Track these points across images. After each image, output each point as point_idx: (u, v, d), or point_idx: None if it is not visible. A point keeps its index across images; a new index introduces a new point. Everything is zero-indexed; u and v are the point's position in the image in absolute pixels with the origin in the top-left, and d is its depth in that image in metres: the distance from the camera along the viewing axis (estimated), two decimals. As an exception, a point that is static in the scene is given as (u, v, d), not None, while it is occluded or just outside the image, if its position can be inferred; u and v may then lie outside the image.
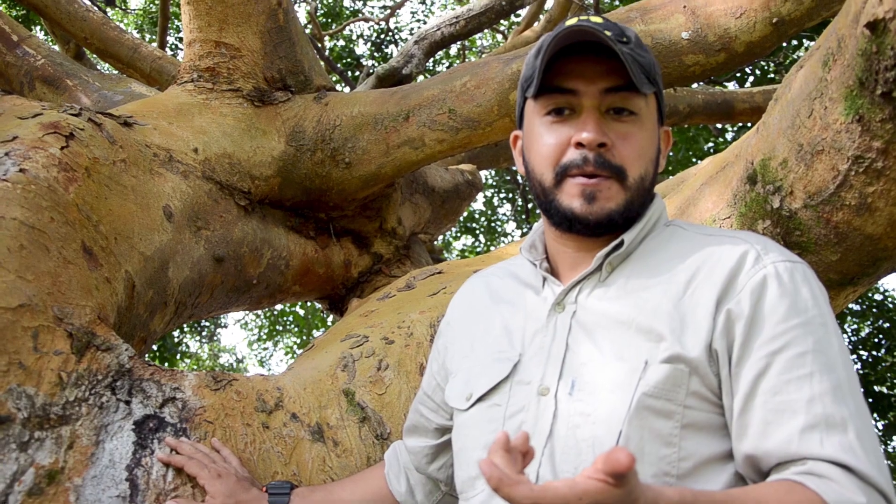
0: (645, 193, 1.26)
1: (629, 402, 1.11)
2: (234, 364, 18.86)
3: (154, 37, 10.56)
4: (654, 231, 1.30)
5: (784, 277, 1.13)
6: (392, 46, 11.89)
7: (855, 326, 9.39)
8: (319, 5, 11.95)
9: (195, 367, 16.36)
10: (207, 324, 13.84)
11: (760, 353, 1.09)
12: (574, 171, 1.22)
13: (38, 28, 9.88)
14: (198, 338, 15.06)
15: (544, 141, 1.26)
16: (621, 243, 1.25)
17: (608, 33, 1.20)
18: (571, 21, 1.25)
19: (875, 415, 8.56)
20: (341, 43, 11.79)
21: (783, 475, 1.04)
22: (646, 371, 1.12)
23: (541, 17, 8.10)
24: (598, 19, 1.25)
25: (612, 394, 1.13)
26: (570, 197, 1.23)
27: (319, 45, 9.15)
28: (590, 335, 1.21)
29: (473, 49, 11.62)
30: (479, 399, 1.28)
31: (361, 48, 12.35)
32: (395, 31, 12.35)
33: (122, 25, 10.49)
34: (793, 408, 1.05)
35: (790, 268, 1.15)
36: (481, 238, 13.24)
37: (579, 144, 1.22)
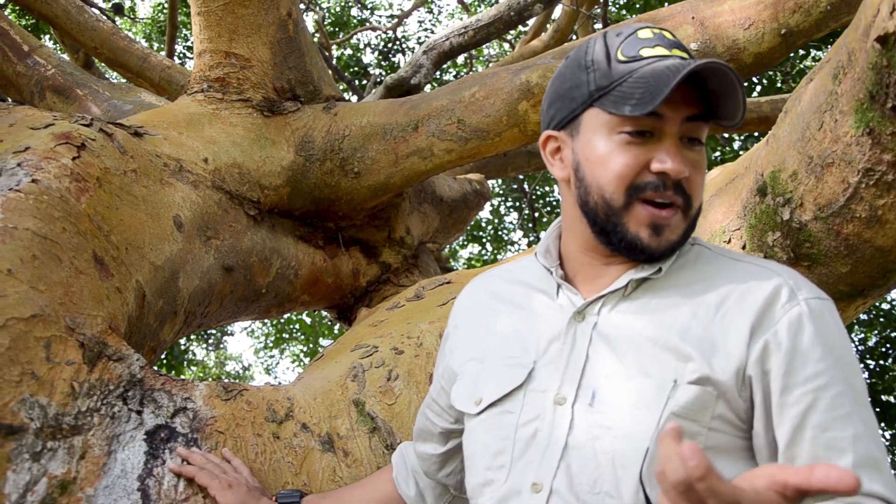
0: (696, 222, 1.26)
1: (657, 419, 1.11)
2: (241, 372, 18.87)
3: (162, 45, 10.61)
4: (681, 250, 1.29)
5: (817, 316, 1.15)
6: (399, 55, 11.92)
7: (862, 335, 9.36)
8: (327, 14, 12.00)
9: (202, 374, 16.38)
10: (214, 332, 13.86)
11: (808, 388, 1.11)
12: (649, 193, 1.19)
13: (48, 38, 9.94)
14: (204, 345, 15.07)
15: (619, 160, 1.21)
16: (659, 270, 1.24)
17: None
18: (645, 34, 1.23)
19: (882, 424, 8.52)
20: (349, 52, 11.83)
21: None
22: (675, 390, 1.12)
23: (548, 26, 8.12)
24: (671, 36, 1.24)
25: (636, 409, 1.13)
26: (639, 225, 1.21)
27: (327, 54, 9.19)
28: (612, 348, 1.20)
29: (481, 58, 11.65)
30: (491, 405, 1.27)
31: (369, 57, 12.40)
32: (403, 40, 12.38)
33: (131, 35, 10.55)
34: (841, 445, 1.09)
35: (821, 306, 1.17)
36: (488, 247, 13.24)
37: (663, 174, 1.19)
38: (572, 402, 1.18)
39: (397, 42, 11.86)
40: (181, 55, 10.75)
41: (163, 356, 10.05)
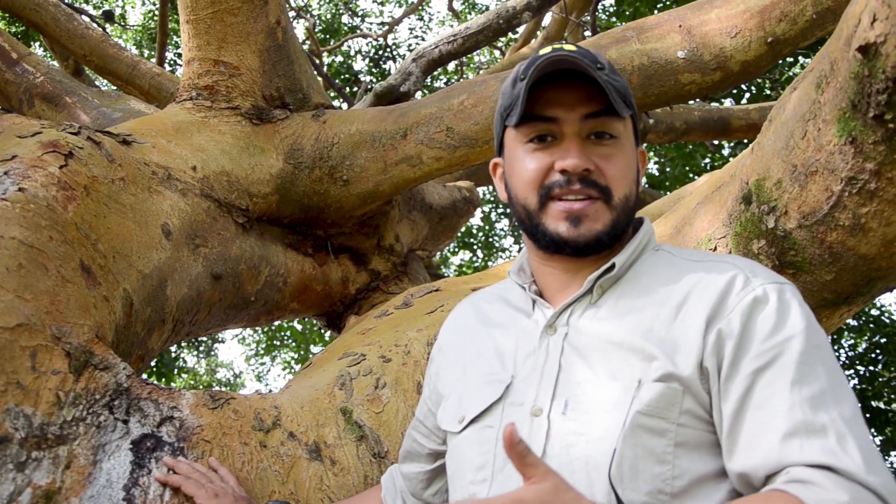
0: (630, 213, 1.29)
1: (623, 420, 1.12)
2: (232, 379, 18.81)
3: (153, 52, 10.60)
4: (644, 255, 1.32)
5: (772, 297, 1.15)
6: (390, 63, 11.93)
7: (852, 342, 9.40)
8: (318, 21, 12.00)
9: (192, 381, 16.32)
10: (205, 339, 13.82)
11: (747, 371, 1.11)
12: (557, 191, 1.25)
13: (38, 45, 9.91)
14: (195, 353, 15.03)
15: (527, 166, 1.28)
16: (612, 266, 1.26)
17: (585, 61, 1.23)
18: (545, 50, 1.28)
19: (873, 430, 8.54)
20: (339, 59, 11.83)
21: (769, 487, 1.05)
22: (639, 390, 1.13)
23: (538, 33, 8.15)
24: (571, 47, 1.28)
25: (606, 413, 1.14)
26: (556, 220, 1.26)
27: (317, 61, 9.19)
28: (582, 356, 1.22)
29: (471, 65, 11.67)
30: (472, 421, 1.28)
31: (359, 64, 12.42)
32: (394, 47, 12.40)
33: (120, 42, 10.53)
34: (774, 418, 1.06)
35: (778, 288, 1.17)
36: (479, 253, 13.25)
37: (564, 171, 1.24)
38: (548, 413, 1.19)
39: (388, 49, 11.87)
40: (172, 63, 10.73)
41: (153, 364, 10.02)
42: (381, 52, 11.85)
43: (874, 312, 9.05)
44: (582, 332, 1.24)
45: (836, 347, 9.20)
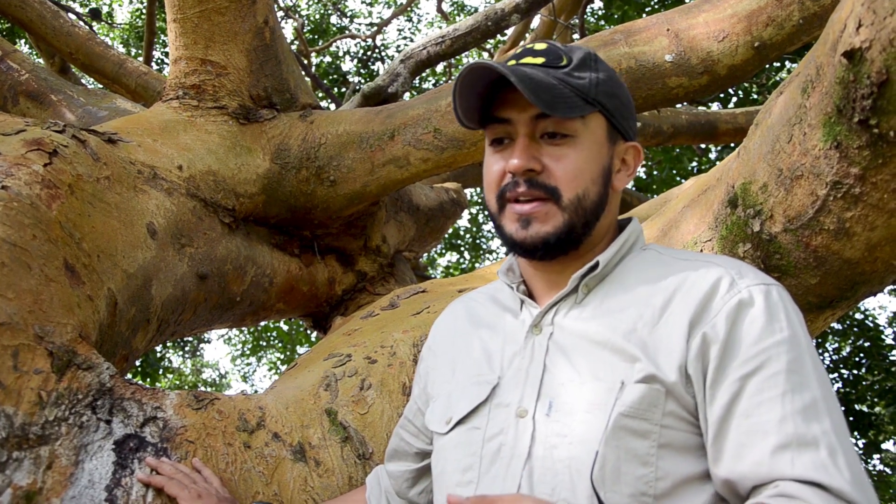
0: (587, 213, 1.26)
1: (606, 422, 1.12)
2: (217, 379, 18.74)
3: (140, 51, 10.55)
4: (631, 254, 1.31)
5: (758, 301, 1.14)
6: (378, 63, 11.92)
7: (836, 345, 9.45)
8: (306, 22, 11.98)
9: (178, 382, 16.25)
10: (190, 339, 13.76)
11: (734, 377, 1.10)
12: (509, 195, 1.25)
13: (23, 42, 9.85)
14: (180, 353, 14.96)
15: (488, 170, 1.29)
16: (596, 265, 1.26)
17: (538, 60, 1.24)
18: (516, 50, 1.30)
19: (856, 433, 8.60)
20: (328, 59, 11.82)
21: (757, 499, 1.04)
22: (622, 391, 1.13)
23: (527, 36, 8.16)
24: (542, 46, 1.28)
25: (588, 414, 1.14)
26: (510, 223, 1.26)
27: (306, 62, 9.17)
28: (567, 356, 1.22)
29: (459, 67, 11.67)
30: (459, 422, 1.28)
31: (348, 65, 12.40)
32: (382, 48, 12.39)
33: (107, 40, 10.48)
34: (764, 429, 1.06)
35: (764, 290, 1.16)
36: (466, 255, 13.26)
37: (512, 172, 1.25)
38: (532, 414, 1.19)
39: (376, 50, 11.86)
40: (159, 61, 10.68)
41: (139, 364, 9.97)
42: (369, 53, 11.84)
43: (858, 316, 9.10)
44: (566, 331, 1.24)
45: (820, 351, 9.24)
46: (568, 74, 1.24)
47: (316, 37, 11.90)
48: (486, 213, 1.36)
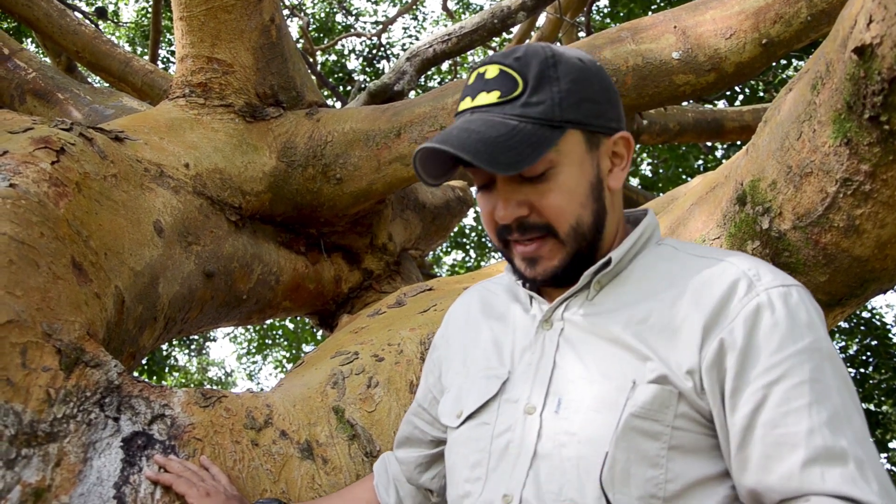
0: (588, 236, 1.23)
1: (616, 422, 1.10)
2: (223, 378, 18.78)
3: (146, 49, 10.57)
4: (646, 249, 1.28)
5: (777, 305, 1.11)
6: (384, 62, 11.92)
7: (843, 344, 9.42)
8: (312, 20, 11.99)
9: (184, 380, 16.29)
10: (196, 337, 13.79)
11: (757, 385, 1.07)
12: (507, 237, 1.25)
13: (30, 41, 9.87)
14: (187, 351, 14.99)
15: (482, 211, 1.28)
16: (609, 261, 1.24)
17: (492, 97, 1.18)
18: (470, 78, 1.24)
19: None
20: (333, 58, 11.82)
21: None
22: (633, 391, 1.12)
23: (532, 34, 8.14)
24: (493, 73, 1.21)
25: (598, 413, 1.13)
26: (517, 260, 1.26)
27: (311, 60, 9.17)
28: (577, 353, 1.20)
29: (465, 65, 11.67)
30: (469, 417, 1.27)
31: (353, 63, 12.40)
32: (387, 46, 12.38)
33: (113, 39, 10.50)
34: (793, 441, 1.04)
35: (784, 293, 1.13)
36: (471, 253, 13.25)
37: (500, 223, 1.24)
38: (541, 411, 1.18)
39: (382, 48, 11.86)
40: (165, 60, 10.70)
41: (145, 362, 9.99)
42: (374, 51, 11.83)
43: (865, 315, 9.07)
44: (577, 327, 1.23)
45: (827, 349, 9.19)
46: (526, 105, 1.17)
47: (322, 35, 11.90)
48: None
